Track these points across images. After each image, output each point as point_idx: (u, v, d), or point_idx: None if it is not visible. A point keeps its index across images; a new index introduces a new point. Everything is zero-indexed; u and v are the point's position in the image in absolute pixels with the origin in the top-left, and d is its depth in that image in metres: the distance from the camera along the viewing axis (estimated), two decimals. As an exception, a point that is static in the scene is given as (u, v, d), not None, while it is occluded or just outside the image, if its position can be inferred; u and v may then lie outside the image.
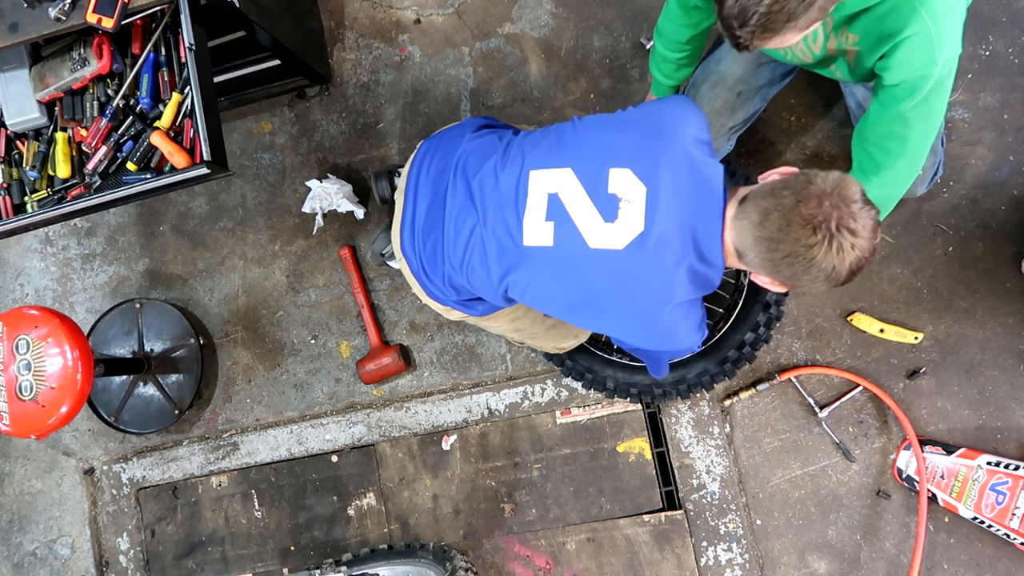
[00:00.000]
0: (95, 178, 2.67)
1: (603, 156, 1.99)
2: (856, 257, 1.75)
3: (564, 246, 2.01)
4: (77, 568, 3.70)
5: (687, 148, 1.94)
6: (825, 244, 1.72)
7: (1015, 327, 2.92)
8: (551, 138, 2.12)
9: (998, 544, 2.88)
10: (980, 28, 2.98)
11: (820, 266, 1.75)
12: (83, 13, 2.34)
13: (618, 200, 1.94)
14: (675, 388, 2.99)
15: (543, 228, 2.03)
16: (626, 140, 2.00)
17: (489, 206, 2.13)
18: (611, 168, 1.96)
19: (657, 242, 1.91)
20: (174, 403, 3.54)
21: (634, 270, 1.95)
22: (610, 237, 1.95)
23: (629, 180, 1.93)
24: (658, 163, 1.93)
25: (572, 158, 2.03)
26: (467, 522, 3.33)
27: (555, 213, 2.01)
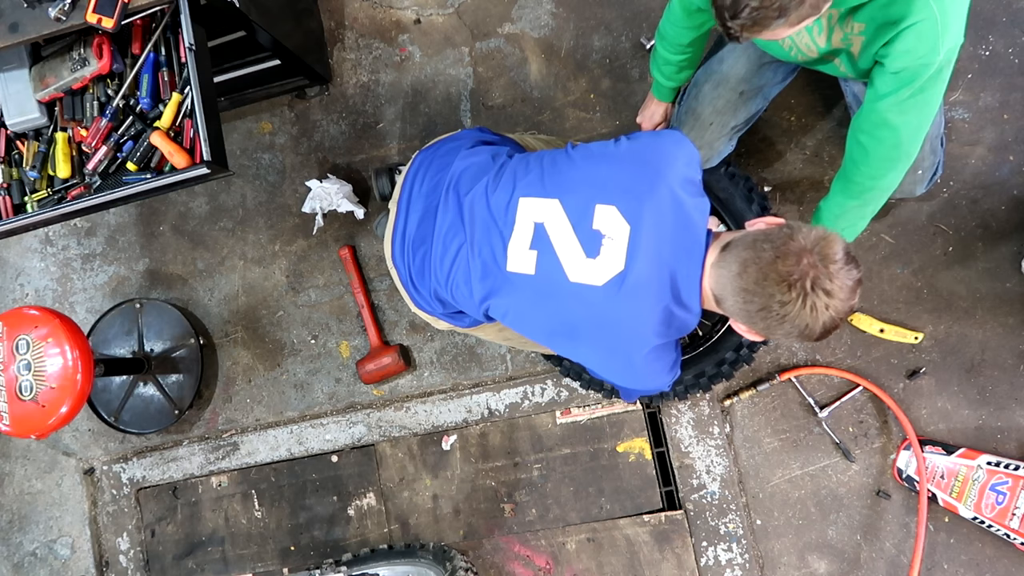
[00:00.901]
0: (95, 178, 2.67)
1: (591, 191, 1.99)
2: (830, 317, 1.76)
3: (545, 276, 2.02)
4: (77, 568, 3.70)
5: (674, 189, 1.94)
6: (799, 302, 1.73)
7: (1015, 327, 2.92)
8: (544, 165, 2.12)
9: (998, 544, 2.88)
10: (980, 28, 2.98)
11: (793, 322, 1.77)
12: (83, 13, 2.34)
13: (601, 237, 1.95)
14: (672, 389, 3.00)
15: (527, 256, 2.04)
16: (614, 176, 2.00)
17: (477, 227, 2.14)
18: (597, 204, 1.97)
19: (636, 282, 1.93)
20: (174, 403, 3.54)
21: (611, 308, 1.96)
22: (590, 273, 1.96)
23: (614, 218, 1.94)
24: (643, 203, 1.93)
25: (561, 189, 2.03)
26: (467, 522, 3.33)
27: (539, 242, 2.03)
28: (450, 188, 2.25)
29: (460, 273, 2.19)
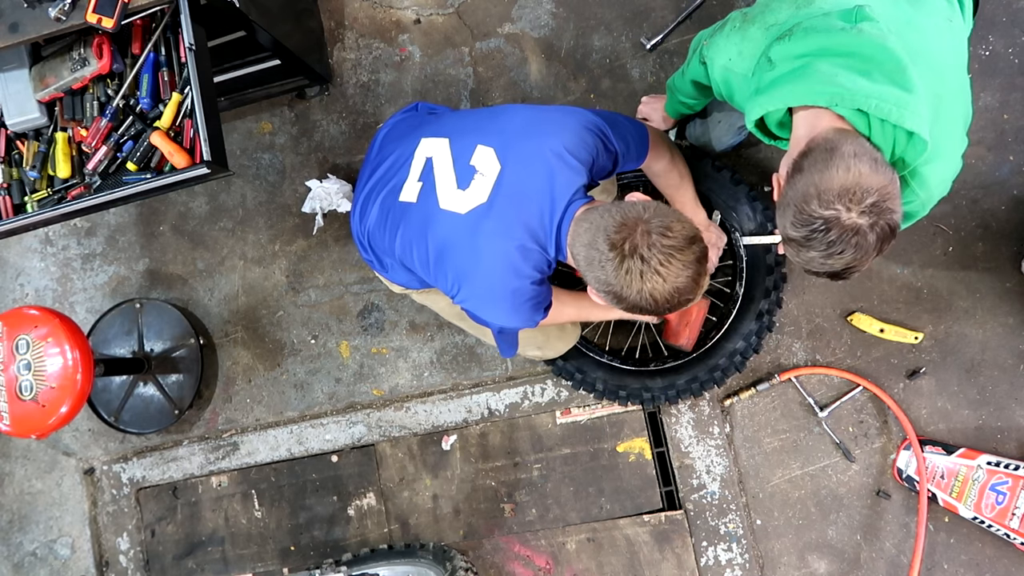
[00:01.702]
0: (95, 178, 2.67)
1: (478, 133, 2.20)
2: (649, 288, 1.89)
3: (422, 203, 2.24)
4: (77, 568, 3.70)
5: (546, 152, 2.11)
6: (616, 262, 1.89)
7: (1015, 327, 2.92)
8: (455, 114, 2.43)
9: (998, 544, 2.88)
10: (980, 28, 2.98)
11: (610, 282, 1.93)
12: (83, 13, 2.34)
13: (475, 172, 2.15)
14: (664, 393, 3.01)
15: (414, 187, 2.27)
16: (505, 125, 2.20)
17: (392, 168, 2.40)
18: (479, 144, 2.17)
19: (495, 216, 2.11)
20: (174, 403, 3.54)
21: (471, 236, 2.14)
22: (457, 201, 2.16)
23: (489, 157, 2.14)
24: (520, 153, 2.12)
25: (455, 131, 2.26)
26: (467, 522, 3.33)
27: (425, 175, 2.24)
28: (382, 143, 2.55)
29: (375, 215, 2.41)
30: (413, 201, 2.26)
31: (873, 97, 1.77)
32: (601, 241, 1.91)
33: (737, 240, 2.88)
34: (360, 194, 2.52)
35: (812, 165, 1.74)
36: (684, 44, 3.16)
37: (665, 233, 1.86)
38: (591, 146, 2.17)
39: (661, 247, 1.86)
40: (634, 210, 1.92)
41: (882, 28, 1.85)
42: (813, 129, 1.83)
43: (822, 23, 1.89)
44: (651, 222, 1.88)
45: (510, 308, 2.21)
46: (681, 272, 1.89)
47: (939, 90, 1.89)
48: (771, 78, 1.93)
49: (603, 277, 1.93)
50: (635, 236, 1.86)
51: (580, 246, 2.00)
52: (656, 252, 1.86)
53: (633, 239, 1.86)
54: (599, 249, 1.91)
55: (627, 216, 1.90)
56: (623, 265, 1.88)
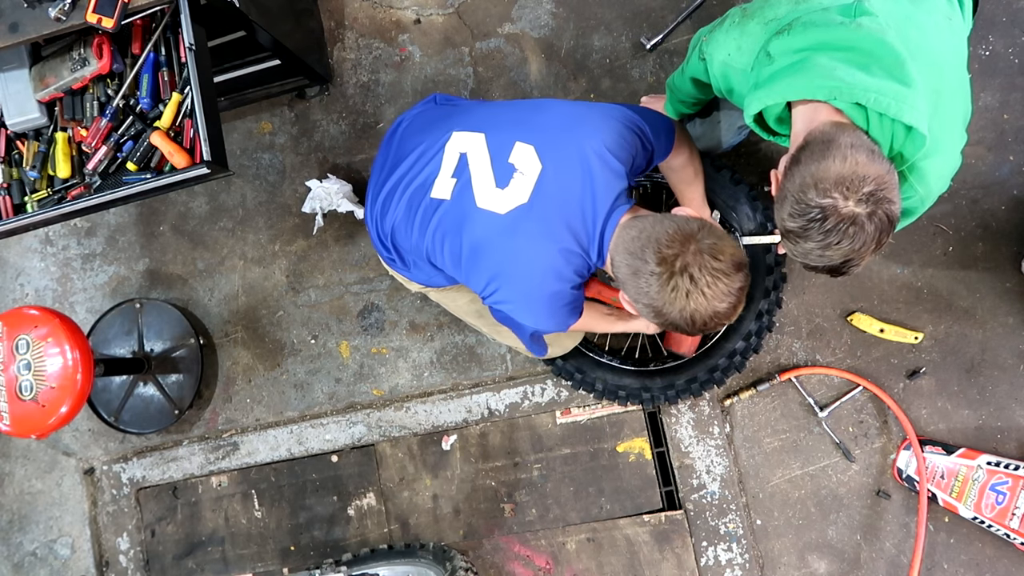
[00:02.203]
0: (95, 178, 2.67)
1: (516, 129, 2.14)
2: (692, 307, 1.86)
3: (457, 201, 2.17)
4: (77, 568, 3.70)
5: (586, 152, 2.06)
6: (665, 277, 1.85)
7: (1015, 327, 2.92)
8: (486, 106, 2.35)
9: (998, 544, 2.88)
10: (980, 28, 2.98)
11: (654, 296, 1.89)
12: (83, 13, 2.34)
13: (514, 170, 2.08)
14: (663, 393, 3.01)
15: (448, 183, 2.19)
16: (543, 122, 2.14)
17: (418, 163, 2.31)
18: (518, 141, 2.10)
19: (537, 217, 2.06)
20: (174, 403, 3.54)
21: (511, 237, 2.09)
22: (496, 201, 2.09)
23: (530, 155, 2.08)
24: (561, 152, 2.07)
25: (490, 125, 2.19)
26: (467, 522, 3.33)
27: (460, 171, 2.17)
28: (401, 136, 2.45)
29: (402, 211, 2.33)
30: (447, 198, 2.19)
31: (872, 91, 1.77)
32: (650, 253, 1.87)
33: (737, 240, 2.88)
34: (379, 190, 2.44)
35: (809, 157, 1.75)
36: (684, 44, 3.16)
37: (716, 255, 1.84)
38: (631, 144, 2.13)
39: (711, 269, 1.83)
40: (687, 226, 1.88)
41: (881, 23, 1.85)
42: (811, 123, 1.84)
43: (821, 17, 1.90)
44: (703, 241, 1.85)
45: (547, 312, 2.17)
46: (725, 297, 1.87)
47: (938, 86, 1.89)
48: (770, 72, 1.93)
49: (646, 289, 1.90)
50: (687, 254, 1.84)
51: (624, 254, 1.96)
52: (706, 273, 1.83)
53: (684, 257, 1.84)
54: (646, 261, 1.88)
55: (680, 231, 1.87)
56: (671, 282, 1.85)
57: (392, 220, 2.38)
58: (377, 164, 2.51)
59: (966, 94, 2.03)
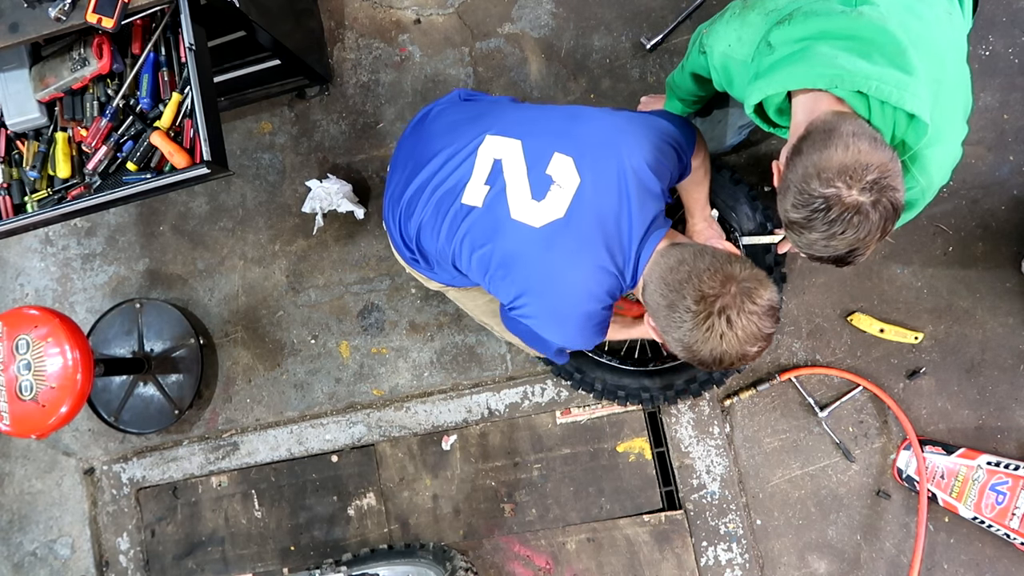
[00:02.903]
0: (95, 178, 2.68)
1: (554, 139, 2.07)
2: (722, 349, 1.84)
3: (489, 209, 2.10)
4: (77, 568, 3.70)
5: (627, 171, 2.01)
6: (701, 316, 1.81)
7: (1015, 327, 2.92)
8: (521, 109, 2.24)
9: (998, 544, 2.87)
10: (980, 28, 2.98)
11: (686, 333, 1.85)
12: (83, 13, 2.34)
13: (551, 182, 2.02)
14: (663, 394, 3.01)
15: (480, 190, 2.12)
16: (582, 133, 2.07)
17: (448, 164, 2.23)
18: (556, 152, 2.04)
19: (573, 233, 2.00)
20: (174, 403, 3.54)
21: (545, 251, 2.03)
22: (532, 213, 2.03)
23: (568, 168, 2.02)
24: (600, 167, 2.01)
25: (526, 132, 2.11)
26: (467, 522, 3.33)
27: (494, 178, 2.10)
28: (427, 134, 2.35)
29: (429, 213, 2.25)
30: (478, 205, 2.12)
31: (873, 78, 1.77)
32: (690, 289, 1.83)
33: (737, 240, 2.88)
34: (403, 190, 2.34)
35: (811, 146, 1.74)
36: (684, 44, 3.16)
37: (755, 299, 1.81)
38: (669, 161, 2.09)
39: (748, 312, 1.81)
40: (729, 266, 1.84)
41: (882, 11, 1.85)
42: (812, 113, 1.83)
43: (822, 7, 1.89)
44: (744, 283, 1.82)
45: (576, 330, 2.12)
46: (756, 341, 1.85)
47: (939, 75, 1.89)
48: (770, 62, 1.93)
49: (678, 324, 1.86)
50: (727, 295, 1.80)
51: (660, 284, 1.92)
52: (743, 316, 1.80)
53: (724, 299, 1.80)
54: (684, 296, 1.84)
55: (721, 271, 1.83)
56: (707, 322, 1.81)
57: (418, 222, 2.30)
58: (398, 162, 2.43)
59: (967, 86, 2.03)
